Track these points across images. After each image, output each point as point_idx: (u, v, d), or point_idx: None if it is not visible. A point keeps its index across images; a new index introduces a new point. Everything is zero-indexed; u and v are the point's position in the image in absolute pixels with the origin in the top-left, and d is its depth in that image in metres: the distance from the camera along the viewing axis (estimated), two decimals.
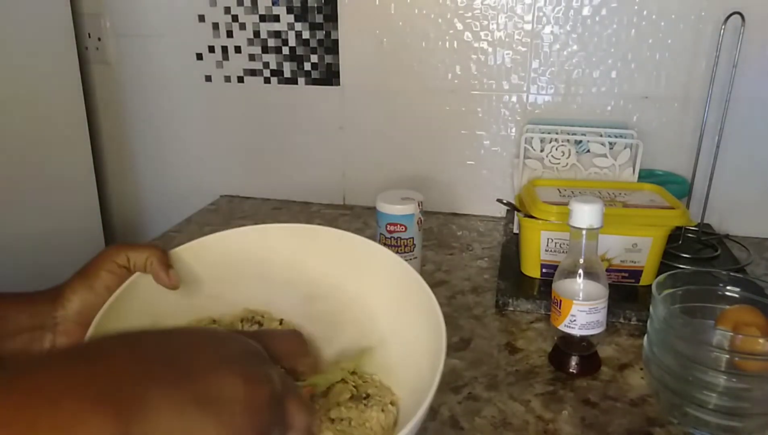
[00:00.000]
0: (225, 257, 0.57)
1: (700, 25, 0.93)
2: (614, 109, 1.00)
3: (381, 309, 0.55)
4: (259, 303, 0.58)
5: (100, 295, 0.49)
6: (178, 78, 1.18)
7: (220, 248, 0.57)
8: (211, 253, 0.57)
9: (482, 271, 0.88)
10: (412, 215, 0.77)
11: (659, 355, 0.56)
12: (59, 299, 0.48)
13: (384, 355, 0.54)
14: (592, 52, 0.98)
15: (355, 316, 0.56)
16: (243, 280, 0.57)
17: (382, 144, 1.12)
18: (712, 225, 0.99)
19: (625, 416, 0.58)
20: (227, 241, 0.57)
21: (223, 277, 0.57)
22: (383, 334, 0.54)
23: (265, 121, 1.17)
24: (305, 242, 0.58)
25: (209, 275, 0.56)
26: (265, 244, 0.58)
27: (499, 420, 0.57)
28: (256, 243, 0.58)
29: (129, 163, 1.28)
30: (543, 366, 0.66)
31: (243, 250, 0.57)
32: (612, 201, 0.79)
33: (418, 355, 0.49)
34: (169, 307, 0.54)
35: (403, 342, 0.52)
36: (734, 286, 0.61)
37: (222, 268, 0.57)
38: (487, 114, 1.05)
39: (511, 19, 0.99)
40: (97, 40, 1.19)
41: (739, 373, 0.51)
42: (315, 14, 1.08)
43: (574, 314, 0.61)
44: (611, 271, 0.77)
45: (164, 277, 0.52)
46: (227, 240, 0.57)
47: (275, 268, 0.57)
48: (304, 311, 0.57)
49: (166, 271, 0.52)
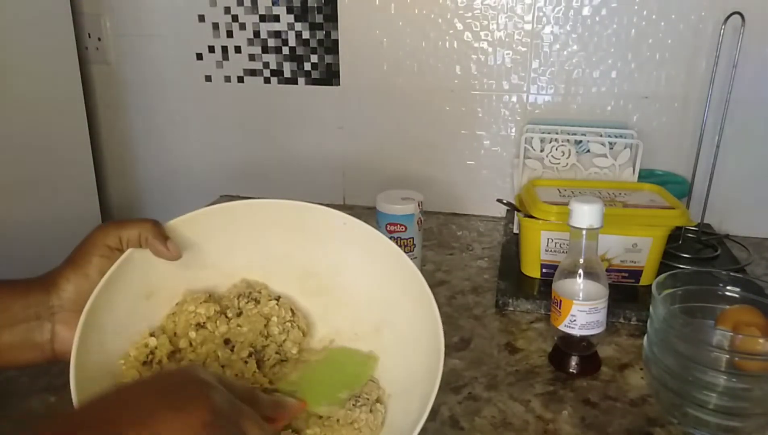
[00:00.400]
0: (220, 229, 0.55)
1: (700, 25, 0.93)
2: (614, 109, 1.00)
3: (377, 297, 0.54)
4: (257, 275, 0.57)
5: (94, 281, 0.47)
6: (178, 78, 1.18)
7: (216, 221, 0.55)
8: (207, 225, 0.54)
9: (482, 271, 0.88)
10: (412, 215, 0.77)
11: (659, 355, 0.56)
12: (53, 289, 0.47)
13: (376, 346, 0.53)
14: (592, 52, 0.98)
15: (351, 299, 0.56)
16: (240, 250, 0.56)
17: (382, 144, 1.12)
18: (712, 225, 0.99)
19: (625, 416, 0.58)
20: (222, 213, 0.55)
21: (219, 248, 0.55)
22: (377, 323, 0.54)
23: (264, 121, 1.17)
24: (305, 220, 0.56)
25: (205, 246, 0.55)
26: (264, 217, 0.56)
27: (499, 420, 0.57)
28: (255, 216, 0.56)
29: (129, 163, 1.28)
30: (543, 366, 0.66)
31: (239, 223, 0.55)
32: (612, 201, 0.79)
33: (411, 350, 0.48)
34: (165, 280, 0.52)
35: (397, 335, 0.52)
36: (734, 286, 0.60)
37: (218, 238, 0.55)
38: (487, 114, 1.05)
39: (511, 19, 0.99)
40: (97, 40, 1.19)
41: (739, 373, 0.51)
42: (315, 14, 1.08)
43: (574, 314, 0.61)
44: (611, 271, 0.77)
45: (163, 249, 0.49)
46: (223, 212, 0.55)
47: (273, 240, 0.56)
48: (300, 286, 0.57)
49: (164, 242, 0.49)
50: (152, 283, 0.52)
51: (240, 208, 0.55)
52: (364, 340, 0.55)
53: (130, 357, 0.49)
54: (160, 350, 0.49)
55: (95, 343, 0.46)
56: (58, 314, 0.47)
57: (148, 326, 0.52)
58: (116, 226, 0.49)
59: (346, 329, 0.56)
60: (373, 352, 0.54)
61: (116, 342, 0.49)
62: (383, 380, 0.52)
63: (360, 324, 0.55)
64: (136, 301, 0.51)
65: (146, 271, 0.51)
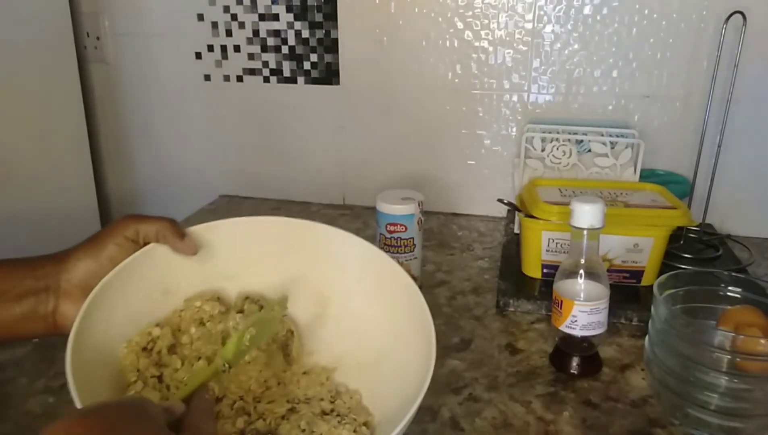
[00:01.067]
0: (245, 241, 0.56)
1: (701, 25, 0.92)
2: (615, 109, 0.99)
3: (382, 328, 0.54)
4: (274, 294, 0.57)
5: (103, 267, 0.49)
6: (177, 77, 1.18)
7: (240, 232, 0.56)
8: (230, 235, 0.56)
9: (483, 272, 0.88)
10: (412, 215, 0.77)
11: (660, 356, 0.56)
12: (64, 264, 0.49)
13: (374, 375, 0.53)
14: (593, 51, 0.97)
15: (359, 328, 0.55)
16: (265, 268, 0.57)
17: (382, 144, 1.12)
18: (714, 225, 0.98)
19: (626, 417, 0.57)
20: (241, 227, 0.56)
21: (242, 260, 0.56)
22: (379, 354, 0.54)
23: (264, 121, 1.16)
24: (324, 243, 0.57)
25: (229, 256, 0.56)
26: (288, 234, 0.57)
27: (499, 421, 0.57)
28: (282, 231, 0.57)
29: (127, 163, 1.28)
30: (544, 367, 0.65)
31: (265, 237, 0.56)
32: (613, 201, 0.79)
33: (406, 382, 0.48)
34: (186, 282, 0.54)
35: (395, 365, 0.51)
36: (736, 287, 0.60)
37: (242, 251, 0.56)
38: (488, 113, 1.05)
39: (512, 18, 0.99)
40: (95, 40, 1.19)
41: (740, 374, 0.51)
42: (315, 13, 1.07)
43: (575, 315, 0.61)
44: (612, 271, 0.77)
45: (180, 244, 0.51)
46: (242, 226, 0.56)
47: (293, 260, 0.57)
48: (315, 311, 0.57)
49: (181, 238, 0.51)
50: (171, 281, 0.53)
51: (267, 223, 0.57)
52: (366, 370, 0.54)
53: (133, 342, 0.49)
54: (161, 341, 0.50)
55: (100, 324, 0.47)
56: (64, 288, 0.48)
57: (157, 319, 0.52)
58: (136, 220, 0.51)
59: (348, 358, 0.55)
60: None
61: (123, 329, 0.49)
62: (374, 407, 0.51)
63: (363, 354, 0.55)
64: (151, 295, 0.52)
65: (167, 268, 0.52)
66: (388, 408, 0.49)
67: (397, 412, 0.45)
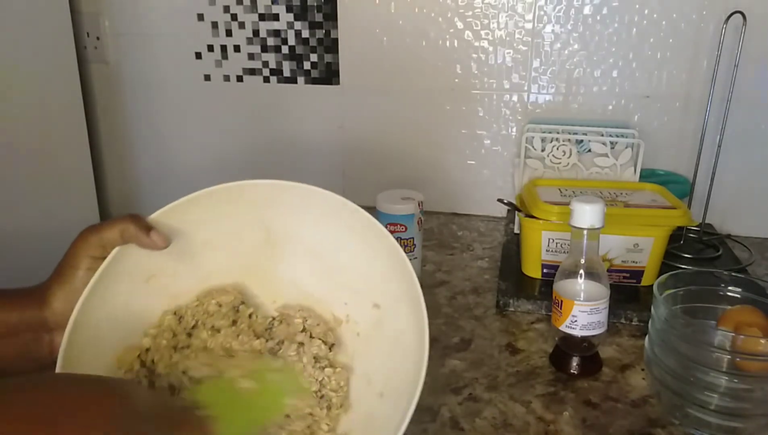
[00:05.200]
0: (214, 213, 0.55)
1: (701, 25, 0.92)
2: (615, 109, 0.99)
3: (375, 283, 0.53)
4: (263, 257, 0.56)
5: (81, 292, 0.46)
6: (177, 77, 1.18)
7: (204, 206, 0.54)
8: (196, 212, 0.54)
9: (483, 272, 0.88)
10: (412, 215, 0.77)
11: (660, 356, 0.56)
12: (44, 305, 0.47)
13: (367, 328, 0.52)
14: (593, 51, 0.97)
15: (350, 280, 0.54)
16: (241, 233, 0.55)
17: (382, 144, 1.12)
18: (714, 225, 0.98)
19: (626, 417, 0.57)
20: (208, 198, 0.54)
21: (218, 231, 0.54)
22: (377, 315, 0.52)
23: (264, 121, 1.16)
24: (304, 200, 0.56)
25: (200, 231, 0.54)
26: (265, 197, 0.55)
27: (499, 421, 0.57)
28: (247, 197, 0.55)
29: (127, 163, 1.28)
30: (544, 367, 0.65)
31: (232, 205, 0.55)
32: (613, 201, 0.79)
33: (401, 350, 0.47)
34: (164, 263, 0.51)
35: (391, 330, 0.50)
36: (736, 287, 0.60)
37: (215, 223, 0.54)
38: (488, 113, 1.05)
39: (512, 18, 0.99)
40: (95, 40, 1.19)
41: (740, 374, 0.51)
42: (315, 13, 1.07)
43: (575, 315, 0.61)
44: (612, 271, 0.77)
45: (146, 240, 0.48)
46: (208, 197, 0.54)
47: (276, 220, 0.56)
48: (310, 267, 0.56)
49: (147, 233, 0.48)
50: (150, 266, 0.50)
51: (221, 192, 0.55)
52: (359, 319, 0.53)
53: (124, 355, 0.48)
54: (151, 353, 0.49)
55: (88, 349, 0.46)
56: (53, 320, 0.47)
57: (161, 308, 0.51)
58: (96, 232, 0.48)
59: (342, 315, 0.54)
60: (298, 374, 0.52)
61: (113, 336, 0.48)
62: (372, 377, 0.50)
63: (358, 309, 0.53)
64: (133, 291, 0.50)
65: (139, 257, 0.49)
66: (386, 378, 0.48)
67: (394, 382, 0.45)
